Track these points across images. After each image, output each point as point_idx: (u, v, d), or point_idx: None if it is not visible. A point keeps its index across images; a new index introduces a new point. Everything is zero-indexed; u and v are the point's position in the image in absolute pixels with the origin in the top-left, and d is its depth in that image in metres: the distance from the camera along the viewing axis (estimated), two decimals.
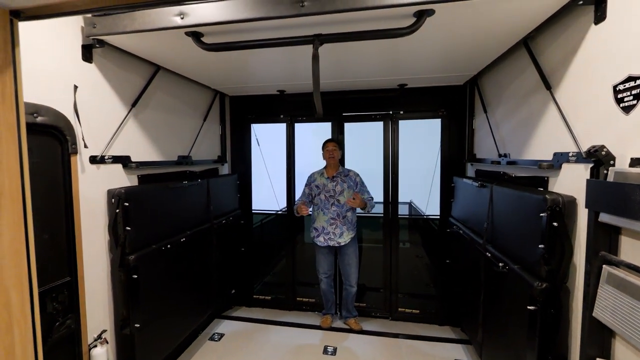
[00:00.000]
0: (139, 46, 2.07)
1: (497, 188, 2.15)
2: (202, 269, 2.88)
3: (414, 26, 1.59)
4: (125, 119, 2.20)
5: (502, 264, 1.94)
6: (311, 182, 3.29)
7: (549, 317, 1.57)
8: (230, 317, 3.54)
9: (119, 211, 2.01)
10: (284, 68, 2.60)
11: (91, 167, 1.95)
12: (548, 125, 1.84)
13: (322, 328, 3.30)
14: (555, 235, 1.54)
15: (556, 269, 1.56)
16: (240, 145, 3.75)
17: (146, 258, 2.16)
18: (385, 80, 3.05)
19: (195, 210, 2.83)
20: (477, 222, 2.49)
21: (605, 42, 1.38)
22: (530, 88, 2.03)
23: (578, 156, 1.53)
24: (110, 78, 2.08)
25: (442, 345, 3.00)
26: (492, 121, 2.62)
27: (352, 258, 3.21)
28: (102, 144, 2.03)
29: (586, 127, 1.50)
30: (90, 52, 1.92)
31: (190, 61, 2.34)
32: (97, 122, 1.99)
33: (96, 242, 1.99)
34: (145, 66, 2.37)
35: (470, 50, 2.21)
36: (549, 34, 1.80)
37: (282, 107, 3.60)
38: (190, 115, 3.04)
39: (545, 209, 1.55)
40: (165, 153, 2.64)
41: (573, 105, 1.60)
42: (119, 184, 2.14)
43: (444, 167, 3.38)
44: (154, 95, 2.50)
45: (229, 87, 3.29)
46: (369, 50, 2.16)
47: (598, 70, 1.42)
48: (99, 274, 2.02)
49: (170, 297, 2.44)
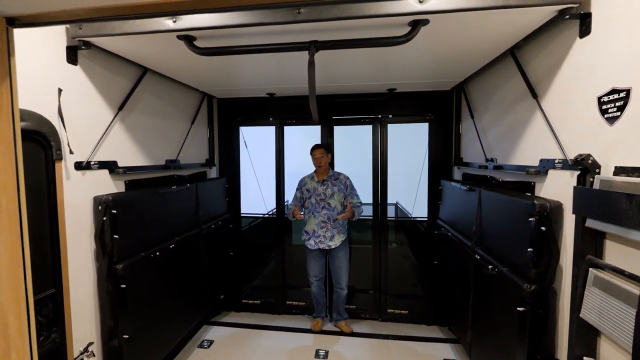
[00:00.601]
0: (127, 48, 2.00)
1: (485, 192, 2.22)
2: (191, 275, 2.82)
3: (409, 35, 1.62)
4: (112, 123, 2.13)
5: (492, 267, 2.00)
6: (302, 186, 3.28)
7: (537, 318, 1.63)
8: (219, 322, 3.48)
9: (106, 219, 1.94)
10: (274, 71, 2.58)
11: (77, 174, 1.87)
12: (534, 132, 1.91)
13: (313, 331, 3.30)
14: (543, 239, 1.61)
15: (544, 271, 1.62)
16: (229, 148, 3.70)
17: (135, 267, 2.09)
18: (375, 85, 3.09)
19: (184, 215, 2.77)
20: (466, 224, 2.56)
21: (590, 55, 1.45)
22: (517, 96, 2.10)
23: (564, 163, 1.60)
24: (96, 81, 2.00)
25: (431, 345, 3.07)
26: (479, 126, 2.70)
27: (343, 261, 3.23)
28: (87, 150, 1.95)
29: (572, 135, 1.57)
30: (75, 54, 1.84)
31: (180, 64, 2.29)
32: (83, 126, 1.92)
33: (82, 252, 1.91)
34: (132, 68, 2.29)
35: (458, 58, 2.27)
36: (535, 45, 1.87)
37: (271, 109, 3.57)
38: (178, 119, 2.97)
39: (534, 214, 1.61)
40: (153, 157, 2.57)
41: (559, 114, 1.68)
42: (105, 190, 2.06)
43: (431, 170, 3.45)
44: (141, 98, 2.43)
45: (218, 89, 3.23)
46: (360, 56, 2.17)
47: (583, 81, 1.49)
48: (85, 284, 1.94)
49: (159, 306, 2.38)
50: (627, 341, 1.17)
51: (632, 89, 1.22)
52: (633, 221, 1.10)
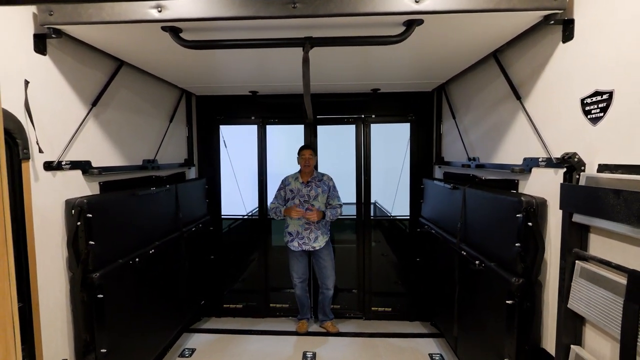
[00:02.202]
0: (104, 39, 1.85)
1: (470, 190, 2.29)
2: (172, 281, 2.68)
3: (403, 35, 1.62)
4: (85, 119, 1.96)
5: (478, 262, 2.07)
6: (285, 185, 3.22)
7: (525, 310, 1.70)
8: (200, 329, 3.33)
9: (80, 224, 1.78)
10: (256, 68, 2.51)
11: (46, 175, 1.70)
12: (517, 132, 2.00)
13: (298, 333, 3.25)
14: (530, 234, 1.68)
15: (531, 265, 1.70)
16: (208, 148, 3.55)
17: (112, 275, 1.94)
18: (359, 85, 3.10)
19: (164, 218, 2.62)
20: (450, 222, 2.63)
21: (572, 59, 1.54)
22: (500, 97, 2.19)
23: (548, 161, 1.68)
24: (67, 73, 1.83)
25: (415, 341, 3.12)
26: (461, 127, 2.79)
27: (328, 261, 3.21)
28: (58, 148, 1.78)
29: (555, 135, 1.65)
30: (43, 43, 1.68)
31: (161, 57, 2.16)
32: (53, 123, 1.75)
33: (53, 261, 1.74)
34: (107, 61, 2.13)
35: (443, 60, 2.33)
36: (518, 49, 1.95)
37: (253, 108, 3.48)
38: (156, 116, 2.81)
39: (521, 210, 1.68)
40: (130, 157, 2.41)
41: (542, 115, 1.76)
42: (78, 192, 1.89)
43: (413, 169, 3.52)
44: (117, 93, 2.27)
45: (197, 86, 3.10)
46: (346, 55, 2.17)
47: (566, 84, 1.57)
48: (57, 296, 1.77)
49: (139, 316, 2.23)
50: (614, 328, 1.24)
51: (615, 92, 1.30)
52: (620, 215, 1.17)
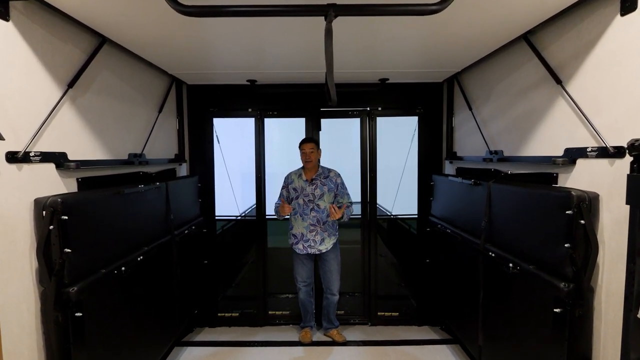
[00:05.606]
0: (83, 7, 1.54)
1: (496, 186, 2.09)
2: (162, 290, 2.37)
3: (442, 4, 1.40)
4: (59, 103, 1.64)
5: (512, 265, 1.87)
6: (288, 184, 2.96)
7: (577, 319, 1.51)
8: (192, 342, 3.02)
9: (53, 228, 1.47)
10: (254, 51, 2.24)
11: (9, 168, 1.38)
12: (555, 120, 1.81)
13: (302, 344, 2.99)
14: (582, 234, 1.48)
15: (582, 268, 1.50)
16: (201, 142, 3.24)
17: (94, 288, 1.63)
18: (365, 73, 2.87)
19: (154, 220, 2.30)
20: (469, 220, 2.43)
21: (637, 32, 1.35)
22: (530, 83, 2.00)
23: (601, 151, 1.49)
24: (35, 45, 1.51)
25: (429, 348, 2.91)
26: (479, 118, 2.60)
27: (334, 265, 2.97)
28: (26, 136, 1.46)
29: (611, 121, 1.46)
30: (5, 6, 1.36)
31: (148, 32, 1.85)
32: (18, 104, 1.43)
33: (17, 273, 1.42)
34: (86, 35, 1.82)
35: (465, 43, 2.11)
36: (556, 28, 1.77)
37: (250, 99, 3.20)
38: (143, 105, 2.49)
39: (572, 207, 1.48)
40: (113, 150, 2.09)
41: (591, 99, 1.57)
42: (51, 190, 1.57)
43: (421, 166, 3.32)
44: (98, 75, 1.95)
45: (189, 72, 2.78)
46: (351, 36, 1.95)
47: (626, 62, 1.39)
48: (23, 318, 1.45)
49: (126, 333, 1.93)
50: None
51: None
52: None
